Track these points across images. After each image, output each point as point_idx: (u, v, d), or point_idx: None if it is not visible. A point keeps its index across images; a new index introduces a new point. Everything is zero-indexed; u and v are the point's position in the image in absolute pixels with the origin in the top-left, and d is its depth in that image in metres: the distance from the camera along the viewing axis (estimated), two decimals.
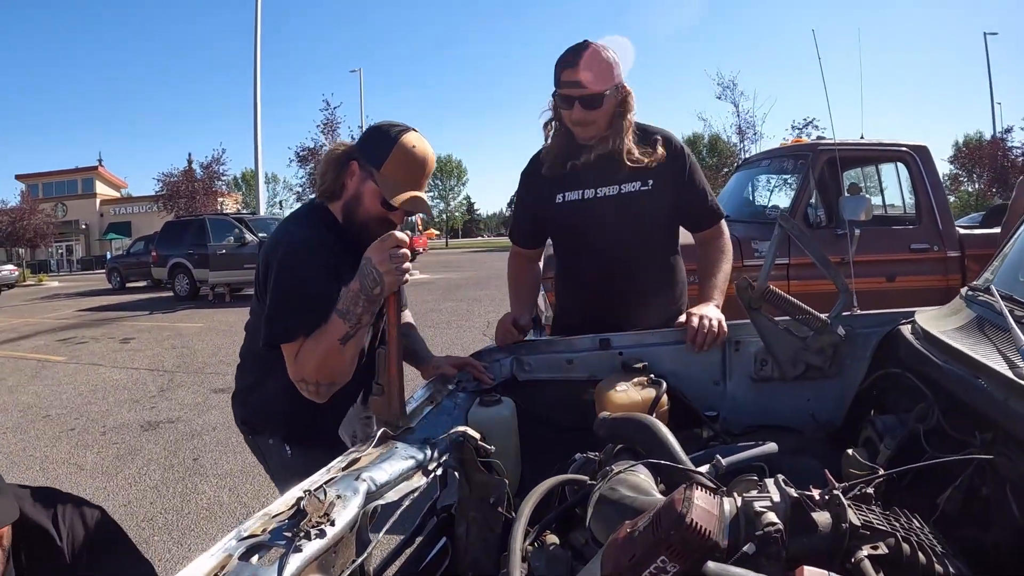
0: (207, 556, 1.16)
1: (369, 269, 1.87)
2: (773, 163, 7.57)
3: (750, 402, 2.28)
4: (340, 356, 1.98)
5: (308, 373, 2.00)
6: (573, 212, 2.65)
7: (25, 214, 48.89)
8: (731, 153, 35.37)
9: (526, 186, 2.85)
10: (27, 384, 9.94)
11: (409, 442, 1.75)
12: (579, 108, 2.48)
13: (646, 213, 2.59)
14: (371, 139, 2.18)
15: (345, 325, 1.93)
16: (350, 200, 2.20)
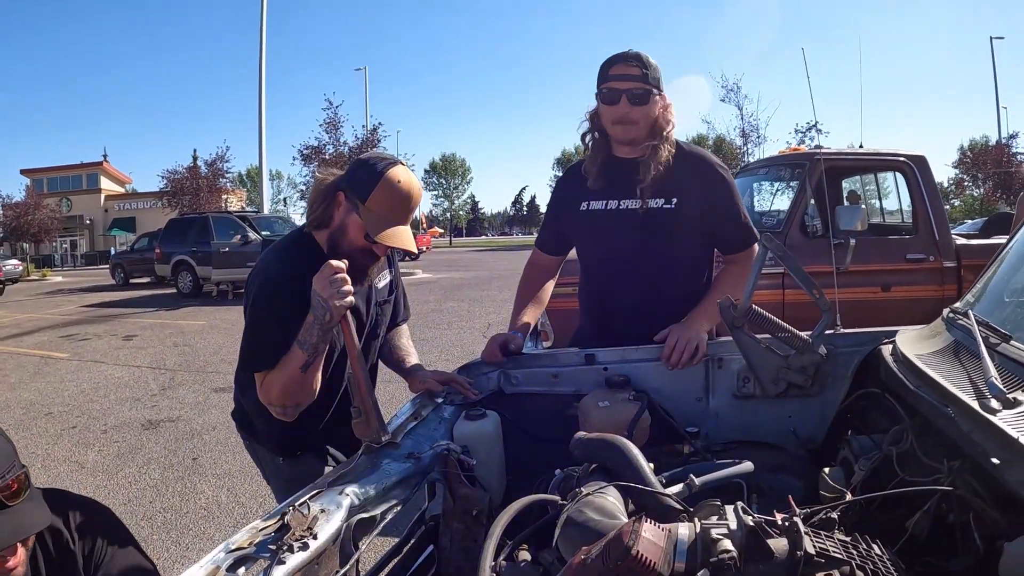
0: (197, 568, 1.21)
1: (316, 299, 1.92)
2: (771, 171, 7.60)
3: (732, 418, 2.31)
4: (301, 382, 2.05)
5: (274, 398, 2.09)
6: (594, 221, 2.66)
7: (30, 209, 48.86)
8: (735, 156, 35.25)
9: (557, 192, 2.89)
10: (29, 381, 9.99)
11: (394, 457, 1.79)
12: (625, 102, 2.48)
13: (669, 230, 2.56)
14: (358, 171, 2.17)
15: (304, 354, 1.99)
16: (335, 231, 2.21)
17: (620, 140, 2.58)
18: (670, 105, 2.57)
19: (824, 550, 1.04)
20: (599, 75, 2.56)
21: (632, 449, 1.53)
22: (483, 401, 2.31)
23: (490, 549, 1.26)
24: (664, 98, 2.56)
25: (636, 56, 2.50)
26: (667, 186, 2.53)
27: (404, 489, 1.70)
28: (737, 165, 30.77)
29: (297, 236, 2.35)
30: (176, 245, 22.13)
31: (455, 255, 44.86)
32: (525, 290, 2.92)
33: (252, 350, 2.19)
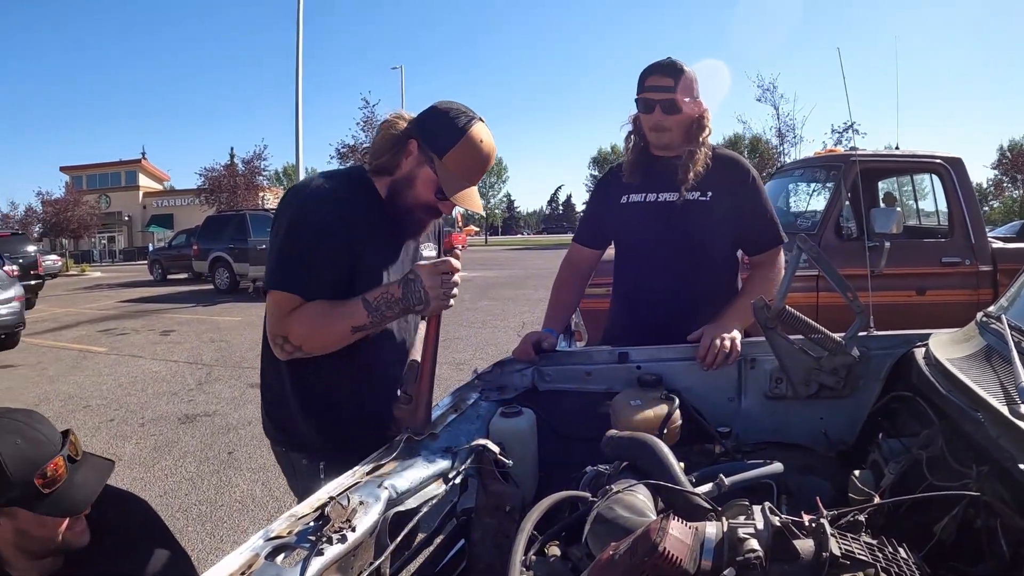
0: (236, 554, 1.23)
1: (417, 287, 1.85)
2: (806, 172, 7.54)
3: (764, 419, 2.31)
4: (340, 340, 1.96)
5: (295, 335, 1.94)
6: (634, 213, 2.74)
7: (69, 205, 49.53)
8: (771, 156, 34.94)
9: (598, 190, 2.98)
10: (68, 374, 10.15)
11: (431, 450, 1.79)
12: (659, 111, 2.61)
13: (705, 223, 2.66)
14: (436, 123, 2.03)
15: (367, 318, 1.90)
16: (400, 180, 2.09)
17: (655, 145, 2.69)
18: (706, 111, 2.67)
19: (850, 552, 1.05)
20: (638, 84, 2.68)
21: (662, 448, 1.54)
22: (516, 397, 2.33)
23: (521, 544, 1.28)
24: (700, 105, 2.66)
25: (671, 66, 2.60)
26: (702, 182, 2.62)
27: (440, 483, 1.71)
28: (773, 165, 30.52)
29: (354, 171, 2.20)
30: (213, 242, 22.32)
31: (490, 254, 44.81)
32: (561, 286, 2.98)
33: (278, 270, 1.99)
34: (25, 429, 1.74)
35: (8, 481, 1.68)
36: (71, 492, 1.74)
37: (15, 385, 9.54)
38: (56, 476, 1.72)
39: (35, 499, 1.70)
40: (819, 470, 1.95)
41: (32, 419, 1.79)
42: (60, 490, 1.72)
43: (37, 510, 1.71)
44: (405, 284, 1.87)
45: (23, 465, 1.69)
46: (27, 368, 10.87)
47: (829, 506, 1.18)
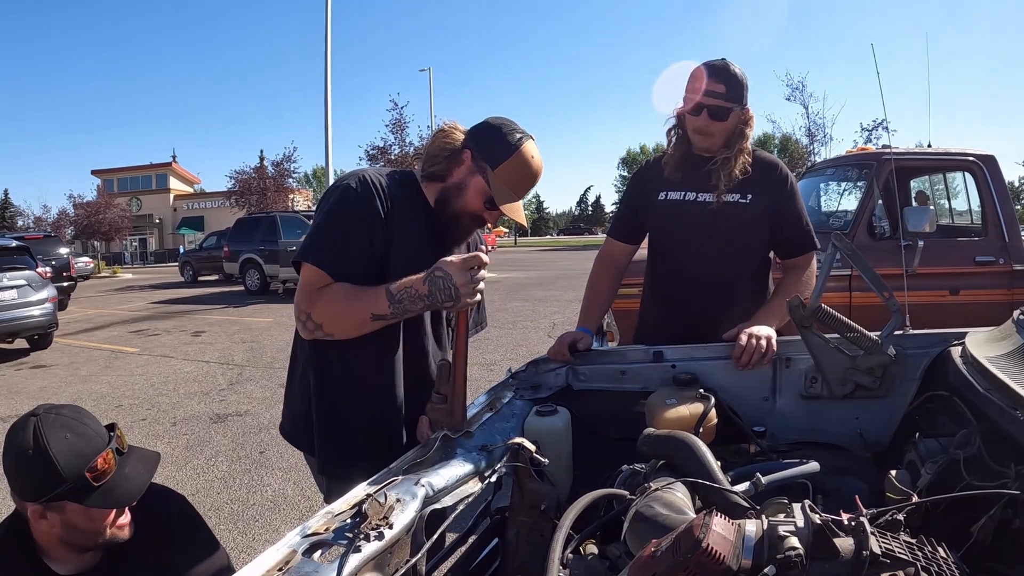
0: (273, 550, 1.24)
1: (446, 284, 1.84)
2: (837, 171, 7.45)
3: (799, 419, 2.30)
4: (360, 326, 1.97)
5: (318, 314, 1.96)
6: (671, 210, 2.75)
7: (100, 208, 50.00)
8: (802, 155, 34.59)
9: (635, 184, 2.98)
10: (100, 374, 10.25)
11: (467, 448, 1.80)
12: (706, 116, 2.61)
13: (742, 225, 2.67)
14: (490, 137, 2.12)
15: (388, 308, 1.91)
16: (451, 188, 2.15)
17: (698, 147, 2.70)
18: (751, 118, 2.68)
19: (890, 551, 1.04)
20: (689, 81, 2.67)
21: (700, 446, 1.54)
22: (551, 396, 2.33)
23: (559, 541, 1.29)
24: (747, 111, 2.66)
25: (725, 70, 2.61)
26: (742, 184, 2.65)
27: (475, 481, 1.71)
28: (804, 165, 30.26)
29: (406, 174, 2.25)
30: (244, 244, 22.43)
31: (520, 254, 44.82)
32: (596, 283, 2.98)
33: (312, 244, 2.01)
34: (74, 424, 1.79)
35: (60, 476, 1.72)
36: (121, 484, 1.78)
37: (48, 385, 9.66)
38: (106, 469, 1.77)
39: (85, 492, 1.74)
40: (855, 470, 1.94)
41: (79, 414, 1.84)
42: (110, 482, 1.77)
43: (87, 503, 1.74)
44: (431, 280, 1.86)
45: (74, 460, 1.73)
46: (60, 368, 11.00)
47: (866, 507, 1.18)
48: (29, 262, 12.66)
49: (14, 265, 12.31)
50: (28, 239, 18.34)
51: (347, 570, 1.21)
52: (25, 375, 10.64)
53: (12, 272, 12.08)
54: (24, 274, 12.22)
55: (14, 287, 11.89)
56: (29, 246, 13.72)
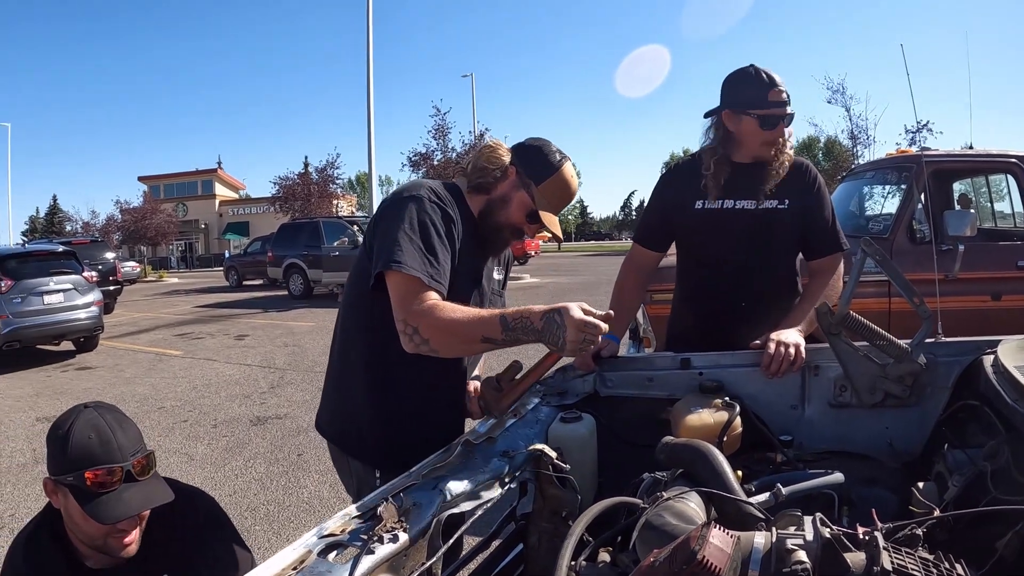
0: (290, 549, 1.26)
1: (559, 332, 1.77)
2: (878, 175, 7.33)
3: (827, 428, 2.27)
4: (469, 346, 1.96)
5: (426, 330, 1.90)
6: (709, 220, 2.71)
7: (147, 214, 50.73)
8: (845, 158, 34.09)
9: (666, 188, 2.92)
10: (144, 376, 10.41)
11: (489, 453, 1.79)
12: (781, 127, 2.59)
13: (780, 232, 2.67)
14: (534, 156, 2.24)
15: (501, 334, 1.85)
16: (496, 200, 2.23)
17: (762, 158, 2.65)
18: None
19: (903, 567, 1.02)
20: (753, 96, 2.61)
21: (716, 455, 1.53)
22: (577, 403, 2.32)
23: (569, 548, 1.28)
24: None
25: (780, 79, 2.59)
26: (778, 190, 2.63)
27: (495, 487, 1.71)
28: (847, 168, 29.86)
29: (452, 186, 2.28)
30: (288, 249, 22.60)
31: (562, 259, 44.79)
32: (623, 289, 2.97)
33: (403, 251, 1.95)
34: (104, 430, 1.84)
35: (65, 466, 1.79)
36: (110, 503, 1.79)
37: (93, 386, 9.84)
38: (103, 482, 1.79)
39: (82, 492, 1.78)
40: (883, 481, 1.91)
41: (119, 425, 1.88)
42: (105, 497, 1.79)
43: (81, 503, 1.78)
44: (548, 320, 1.80)
45: (82, 459, 1.79)
46: (105, 370, 11.20)
47: (894, 519, 1.16)
48: (76, 266, 12.94)
49: (61, 269, 12.60)
50: (76, 244, 18.71)
51: (360, 571, 1.22)
52: (70, 376, 10.85)
53: (59, 276, 12.36)
54: (71, 278, 12.50)
55: (61, 291, 12.17)
56: (76, 251, 14.02)
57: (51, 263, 12.77)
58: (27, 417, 8.30)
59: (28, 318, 11.76)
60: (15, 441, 7.32)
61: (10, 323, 11.50)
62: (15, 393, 9.78)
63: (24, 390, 9.98)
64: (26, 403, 9.09)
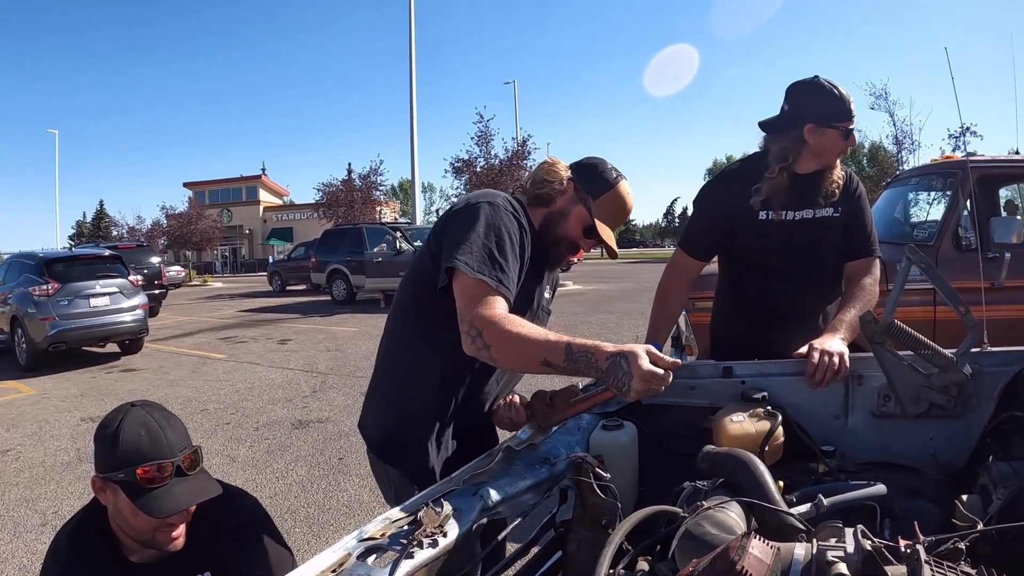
0: (330, 552, 1.28)
1: (624, 378, 1.68)
2: (922, 181, 7.20)
3: (870, 438, 2.24)
4: (526, 364, 1.89)
5: (490, 335, 1.86)
6: (772, 231, 2.71)
7: (192, 219, 51.44)
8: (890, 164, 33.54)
9: (715, 197, 2.90)
10: (188, 379, 10.56)
11: (530, 460, 1.80)
12: (853, 139, 2.66)
13: (832, 239, 2.70)
14: (591, 172, 2.29)
15: (562, 361, 1.77)
16: (556, 213, 2.26)
17: (830, 166, 2.70)
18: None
19: None
20: (838, 110, 2.62)
21: (757, 465, 1.52)
22: (618, 411, 2.32)
23: (608, 556, 1.28)
24: None
25: (846, 89, 2.62)
26: (833, 197, 2.68)
27: (535, 494, 1.71)
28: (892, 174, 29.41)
29: (516, 199, 2.28)
30: (331, 254, 22.80)
31: (605, 266, 44.65)
32: (665, 296, 2.97)
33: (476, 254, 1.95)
34: (153, 427, 1.88)
35: (117, 463, 1.83)
36: (162, 497, 1.82)
37: (137, 388, 10.01)
38: (155, 477, 1.83)
39: (133, 488, 1.82)
40: (927, 493, 1.88)
41: (167, 422, 1.93)
42: (157, 492, 1.82)
43: (132, 499, 1.81)
44: (615, 363, 1.70)
45: (133, 455, 1.82)
46: (150, 372, 11.38)
47: (937, 532, 1.14)
48: (122, 270, 13.19)
49: (107, 273, 12.86)
50: (122, 248, 19.04)
51: (398, 575, 1.22)
52: (115, 378, 11.04)
53: (105, 280, 12.62)
54: (117, 282, 12.75)
55: (107, 294, 12.42)
56: (122, 255, 14.28)
57: (97, 267, 13.04)
58: (72, 417, 8.46)
59: (74, 320, 12.04)
60: (60, 440, 7.47)
61: (56, 325, 11.79)
62: (61, 393, 9.98)
63: (70, 390, 10.17)
64: (71, 403, 9.26)
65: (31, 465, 6.65)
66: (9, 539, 4.97)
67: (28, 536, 5.00)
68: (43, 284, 12.01)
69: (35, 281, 12.17)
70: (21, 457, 6.94)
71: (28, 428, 8.07)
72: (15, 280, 12.86)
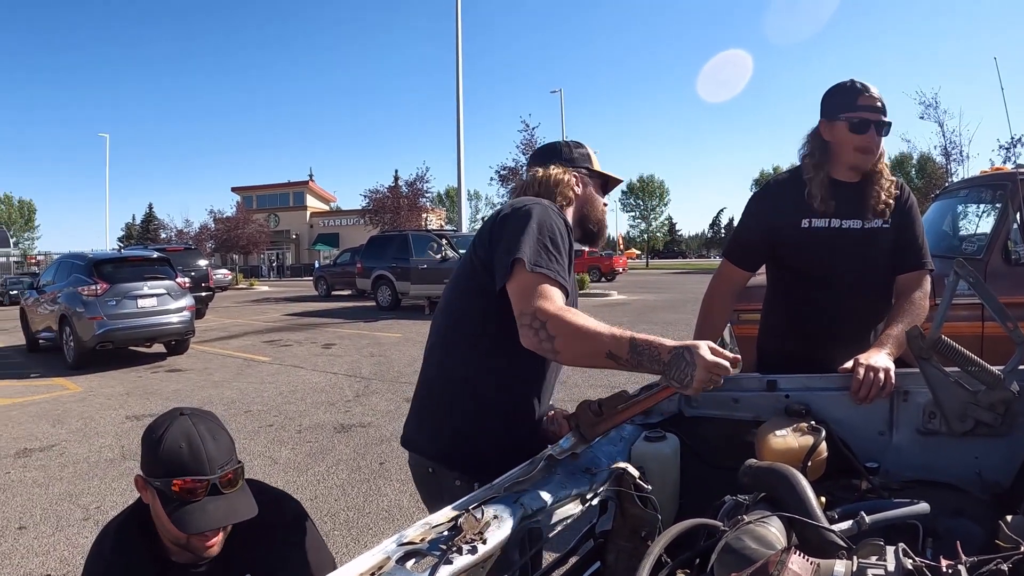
0: (368, 555, 1.27)
1: (687, 369, 1.68)
2: (971, 193, 7.07)
3: (914, 455, 2.20)
4: (591, 358, 1.84)
5: (555, 327, 1.83)
6: (817, 239, 2.70)
7: (239, 223, 52.13)
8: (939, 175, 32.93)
9: (761, 206, 2.89)
10: (232, 380, 10.70)
11: (571, 469, 1.79)
12: (873, 132, 2.60)
13: (882, 251, 2.67)
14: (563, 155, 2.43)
15: (627, 355, 1.77)
16: (583, 203, 2.41)
17: (856, 167, 2.66)
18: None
19: None
20: (840, 101, 2.65)
21: (800, 480, 1.51)
22: (661, 422, 2.31)
23: (647, 568, 1.28)
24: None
25: (874, 87, 2.61)
26: (882, 207, 2.64)
27: (576, 503, 1.71)
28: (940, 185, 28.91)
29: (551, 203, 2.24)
30: (376, 260, 22.98)
31: (649, 277, 44.40)
32: (711, 307, 2.96)
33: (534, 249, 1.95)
34: (196, 441, 1.88)
35: (157, 462, 1.86)
36: (194, 513, 1.83)
37: (183, 388, 10.16)
38: (192, 492, 1.84)
39: (167, 498, 1.84)
40: (970, 513, 1.85)
41: (211, 436, 1.93)
42: (190, 506, 1.83)
43: (166, 508, 1.84)
44: (677, 356, 1.71)
45: (171, 466, 1.84)
46: (195, 373, 11.54)
47: (980, 553, 1.13)
48: (169, 272, 13.41)
49: (155, 275, 13.11)
50: (170, 251, 19.36)
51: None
52: (161, 378, 11.21)
53: (153, 281, 12.86)
54: (164, 284, 12.98)
55: (154, 295, 12.64)
56: (170, 257, 14.54)
57: (146, 268, 13.28)
58: (117, 415, 8.61)
59: (121, 320, 12.29)
60: (104, 437, 7.60)
61: (104, 324, 12.04)
62: (107, 391, 10.17)
63: (116, 389, 10.37)
64: (117, 401, 9.44)
65: (75, 461, 6.78)
66: (52, 532, 5.07)
67: (70, 530, 5.09)
68: (92, 284, 12.26)
69: (84, 281, 12.42)
70: (66, 452, 7.08)
71: (74, 424, 8.22)
72: (64, 280, 13.16)
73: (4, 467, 6.66)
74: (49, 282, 14.21)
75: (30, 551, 4.75)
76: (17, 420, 8.57)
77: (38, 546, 4.83)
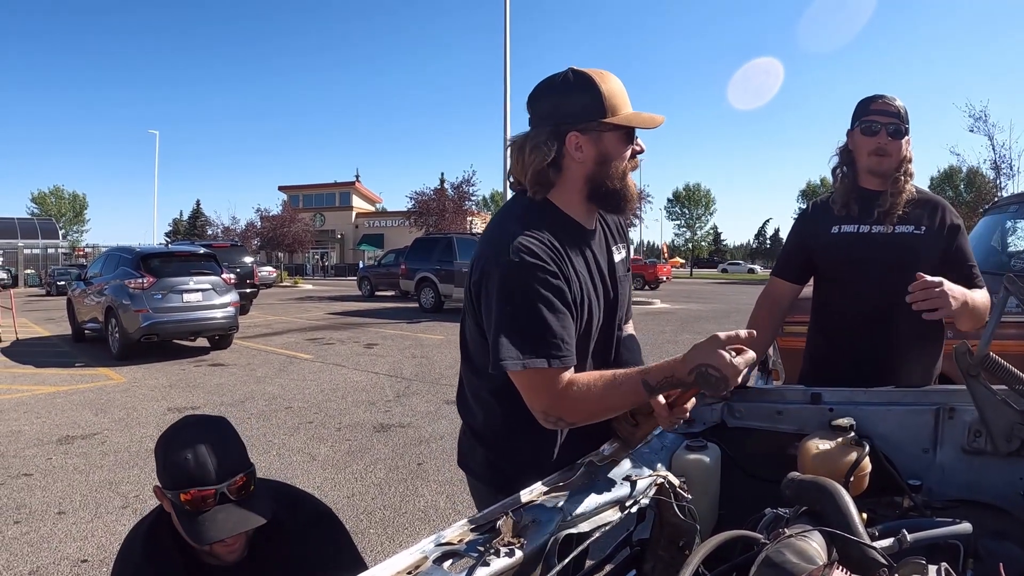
0: (406, 553, 1.28)
1: (719, 382, 1.63)
2: (1021, 208, 6.91)
3: (958, 474, 2.17)
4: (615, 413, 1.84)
5: (569, 414, 1.79)
6: (846, 244, 2.75)
7: (285, 222, 52.60)
8: (989, 189, 32.29)
9: (803, 223, 2.99)
10: (274, 376, 10.80)
11: (611, 476, 1.79)
12: (884, 134, 2.68)
13: (917, 258, 2.64)
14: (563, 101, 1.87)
15: (645, 395, 1.73)
16: (596, 167, 1.89)
17: (873, 170, 2.72)
18: (911, 154, 2.73)
19: None
20: (858, 110, 2.76)
21: (843, 495, 1.49)
22: (703, 431, 2.30)
23: None
24: (909, 142, 2.72)
25: (893, 97, 2.69)
26: (913, 217, 2.68)
27: (615, 510, 1.69)
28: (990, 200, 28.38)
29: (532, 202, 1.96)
30: (421, 262, 23.09)
31: (694, 286, 44.14)
32: (758, 321, 2.98)
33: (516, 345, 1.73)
34: (202, 452, 1.87)
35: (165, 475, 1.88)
36: (204, 524, 1.83)
37: (225, 382, 10.26)
38: (199, 503, 1.84)
39: (178, 509, 1.86)
40: (1013, 535, 1.82)
41: (220, 445, 1.92)
42: (200, 517, 1.83)
43: (179, 519, 1.86)
44: (700, 373, 1.64)
45: (179, 476, 1.85)
46: (238, 368, 11.70)
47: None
48: (215, 268, 13.62)
49: (201, 270, 13.32)
50: (216, 247, 19.62)
51: None
52: (204, 371, 11.38)
53: (199, 277, 13.07)
54: (209, 279, 13.18)
55: (200, 290, 12.84)
56: (216, 253, 14.76)
57: (192, 264, 13.50)
58: (160, 406, 8.74)
59: (167, 314, 12.54)
60: (146, 427, 7.72)
61: (150, 317, 12.29)
62: (150, 383, 10.34)
63: (159, 380, 10.55)
64: (160, 393, 9.59)
65: (116, 449, 6.91)
66: (91, 518, 5.17)
67: (108, 517, 5.19)
68: (139, 278, 12.48)
69: (131, 274, 12.66)
70: (107, 441, 7.21)
71: (116, 414, 8.37)
72: (112, 272, 13.41)
73: (46, 453, 6.81)
74: (96, 274, 14.48)
75: (68, 536, 4.85)
76: (61, 408, 8.75)
77: (76, 531, 4.93)
